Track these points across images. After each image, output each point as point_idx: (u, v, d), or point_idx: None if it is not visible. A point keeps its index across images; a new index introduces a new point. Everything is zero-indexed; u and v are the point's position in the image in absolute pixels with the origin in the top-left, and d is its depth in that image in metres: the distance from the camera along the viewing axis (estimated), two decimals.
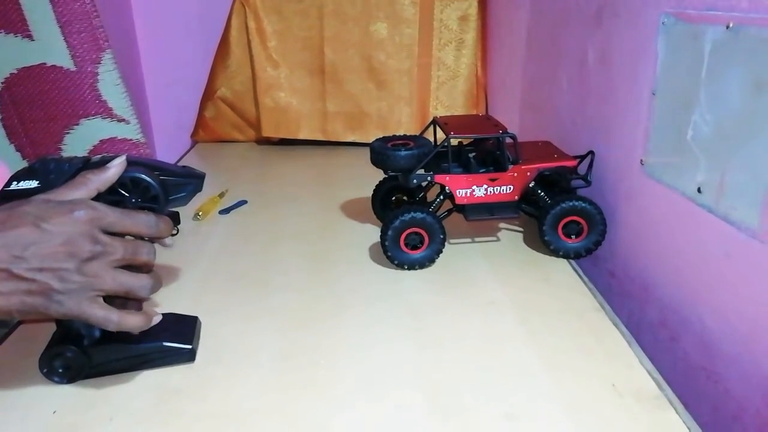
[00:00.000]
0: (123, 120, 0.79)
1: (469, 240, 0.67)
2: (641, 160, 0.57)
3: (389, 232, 0.58)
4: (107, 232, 0.39)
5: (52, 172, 0.41)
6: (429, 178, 0.61)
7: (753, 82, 0.42)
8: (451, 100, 1.07)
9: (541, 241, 0.63)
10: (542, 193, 0.63)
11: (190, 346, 0.46)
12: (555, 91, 0.79)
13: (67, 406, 0.41)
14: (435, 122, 0.66)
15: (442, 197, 0.62)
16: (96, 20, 0.75)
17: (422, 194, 0.67)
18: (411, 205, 0.65)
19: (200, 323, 0.49)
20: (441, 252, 0.61)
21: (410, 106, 1.06)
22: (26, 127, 0.76)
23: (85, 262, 0.37)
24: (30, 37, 0.73)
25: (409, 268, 0.60)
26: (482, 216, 0.62)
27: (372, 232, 0.70)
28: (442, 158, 0.61)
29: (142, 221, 0.40)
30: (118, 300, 0.41)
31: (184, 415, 0.40)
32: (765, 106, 0.41)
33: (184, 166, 0.47)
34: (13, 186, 0.40)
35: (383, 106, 1.06)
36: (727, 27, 0.44)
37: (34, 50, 0.74)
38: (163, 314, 0.48)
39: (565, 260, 0.63)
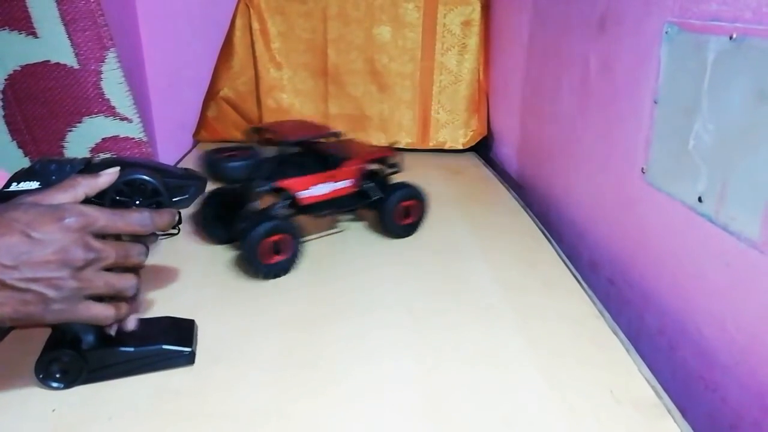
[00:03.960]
0: (125, 119, 0.79)
1: (314, 237, 0.70)
2: (642, 169, 0.57)
3: (252, 244, 0.56)
4: (99, 234, 0.38)
5: (53, 173, 0.40)
6: (271, 185, 0.60)
7: (755, 93, 0.42)
8: (453, 104, 1.07)
9: (384, 228, 0.68)
10: (372, 184, 0.67)
11: (189, 349, 0.45)
12: (556, 98, 0.79)
13: (66, 405, 0.41)
14: (258, 130, 0.66)
15: (284, 201, 0.62)
16: (100, 18, 0.75)
17: (251, 203, 0.64)
18: (261, 214, 0.61)
19: (197, 326, 0.49)
20: (300, 255, 0.61)
21: (412, 109, 1.06)
22: (29, 124, 0.76)
23: (79, 269, 0.37)
24: (34, 34, 0.73)
25: (275, 276, 0.59)
26: (328, 211, 0.65)
27: (371, 233, 0.70)
28: (276, 164, 0.62)
29: (135, 220, 0.40)
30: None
31: (184, 415, 0.40)
32: (767, 116, 0.41)
33: (185, 168, 0.46)
34: (13, 187, 0.39)
35: (385, 109, 1.06)
36: (731, 38, 0.44)
37: (38, 47, 0.74)
38: (160, 317, 0.48)
39: (564, 266, 0.63)
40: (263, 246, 0.57)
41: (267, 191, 0.61)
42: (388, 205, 0.67)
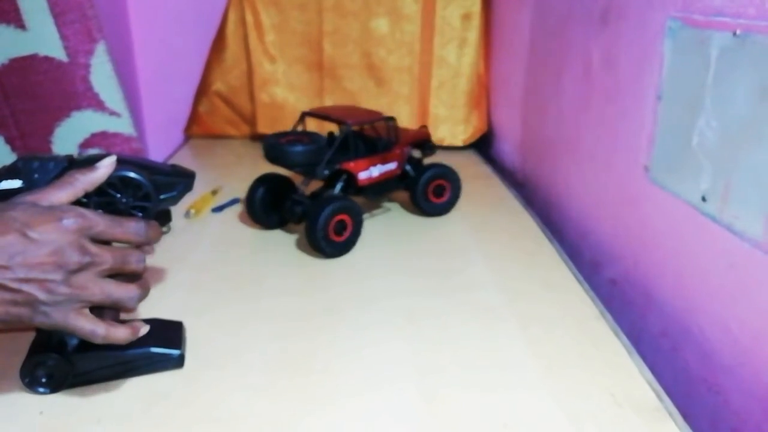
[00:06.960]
0: (115, 113, 0.78)
1: (368, 216, 0.74)
2: (645, 166, 0.56)
3: (320, 224, 0.60)
4: (95, 239, 0.38)
5: (36, 171, 0.39)
6: (337, 167, 0.65)
7: (759, 90, 0.41)
8: (453, 99, 1.05)
9: (416, 206, 0.74)
10: (409, 167, 0.73)
11: (179, 352, 0.44)
12: (558, 93, 0.78)
13: (54, 408, 0.40)
14: (308, 115, 0.70)
15: (343, 183, 0.67)
16: (90, 11, 0.74)
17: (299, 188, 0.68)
18: (323, 197, 0.66)
19: (185, 328, 0.48)
20: (359, 233, 0.65)
21: (410, 104, 1.05)
22: (16, 118, 0.75)
23: (73, 273, 0.36)
24: (23, 26, 0.72)
25: (339, 255, 0.63)
26: (379, 193, 0.72)
27: (369, 234, 0.69)
28: (335, 149, 0.65)
29: (132, 229, 0.39)
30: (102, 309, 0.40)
31: (173, 419, 0.39)
32: None
33: (173, 165, 0.45)
34: None
35: (382, 103, 1.05)
36: (734, 34, 0.43)
37: (27, 40, 0.72)
38: (147, 319, 0.47)
39: (565, 266, 0.62)
40: (329, 226, 0.61)
41: (330, 174, 0.65)
42: (421, 184, 0.72)
